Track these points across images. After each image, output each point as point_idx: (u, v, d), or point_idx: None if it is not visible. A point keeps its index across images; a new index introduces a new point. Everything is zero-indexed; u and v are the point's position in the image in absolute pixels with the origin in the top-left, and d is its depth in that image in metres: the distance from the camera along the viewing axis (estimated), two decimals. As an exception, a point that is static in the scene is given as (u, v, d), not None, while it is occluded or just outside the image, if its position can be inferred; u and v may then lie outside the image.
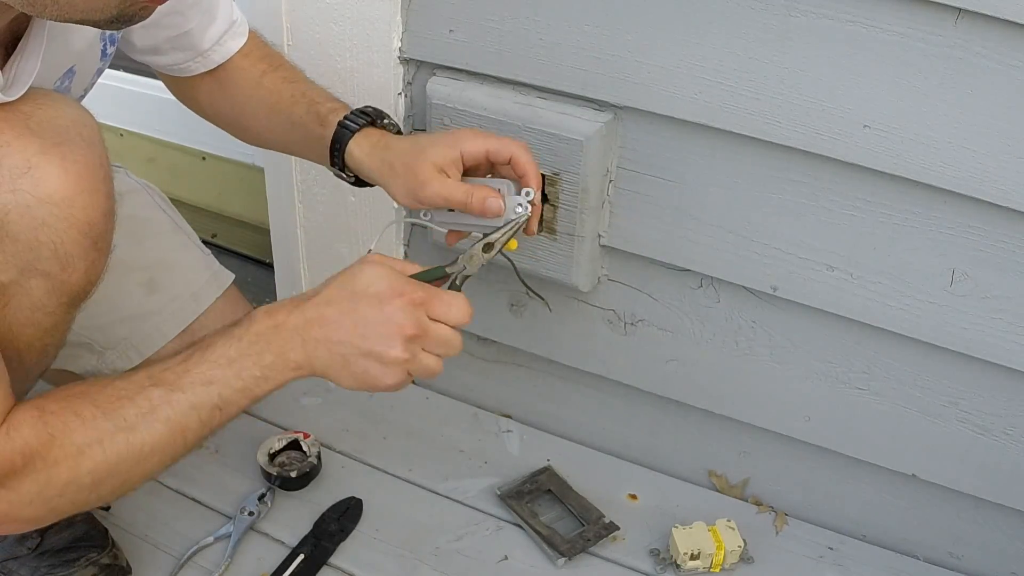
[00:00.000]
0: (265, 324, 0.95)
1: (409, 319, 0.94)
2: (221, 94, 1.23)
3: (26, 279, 0.92)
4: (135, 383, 0.92)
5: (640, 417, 1.42)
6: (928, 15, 1.00)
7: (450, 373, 1.55)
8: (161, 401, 0.91)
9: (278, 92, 1.19)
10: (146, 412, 0.91)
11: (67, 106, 0.97)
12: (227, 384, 0.94)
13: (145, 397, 0.91)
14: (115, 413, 0.90)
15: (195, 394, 0.92)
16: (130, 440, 0.91)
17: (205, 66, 1.20)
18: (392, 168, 1.09)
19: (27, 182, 0.89)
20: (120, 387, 0.92)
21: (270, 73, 1.21)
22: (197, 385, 0.93)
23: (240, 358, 0.94)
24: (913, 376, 1.20)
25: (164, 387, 0.92)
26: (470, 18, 1.25)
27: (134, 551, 1.24)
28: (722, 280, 1.26)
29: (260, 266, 1.89)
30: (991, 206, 1.06)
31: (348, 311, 0.94)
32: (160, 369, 0.93)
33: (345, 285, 0.95)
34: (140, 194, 1.35)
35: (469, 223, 1.08)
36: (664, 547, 1.29)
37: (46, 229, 0.91)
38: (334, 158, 1.12)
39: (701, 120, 1.16)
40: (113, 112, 2.00)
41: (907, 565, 1.29)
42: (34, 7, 0.82)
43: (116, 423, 0.90)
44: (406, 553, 1.28)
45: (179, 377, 0.92)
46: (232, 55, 1.21)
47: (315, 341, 0.94)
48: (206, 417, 0.93)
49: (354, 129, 1.11)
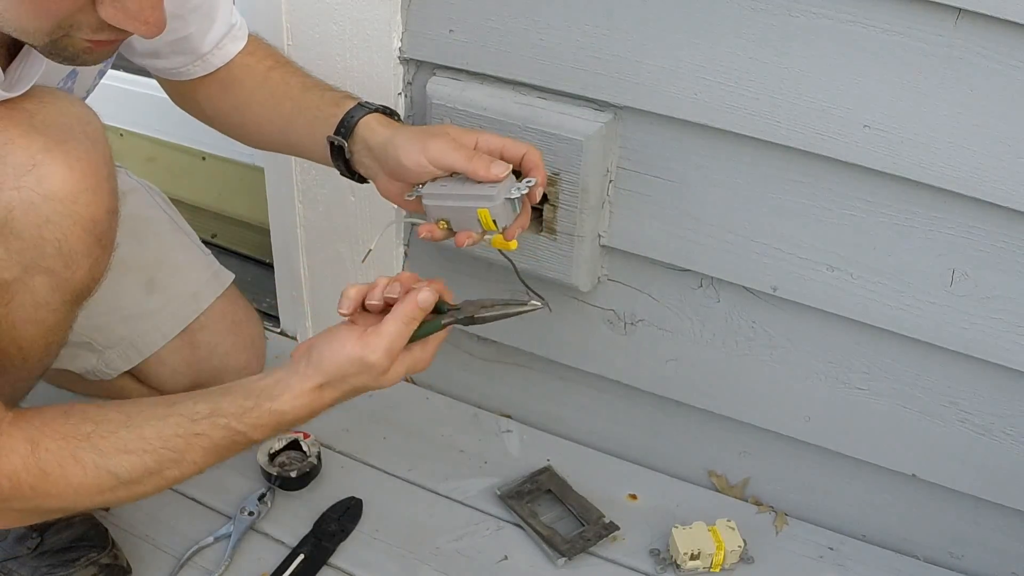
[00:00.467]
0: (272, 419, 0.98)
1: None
2: (223, 95, 1.23)
3: (30, 276, 0.92)
4: (145, 441, 0.94)
5: (640, 417, 1.42)
6: (928, 15, 1.00)
7: (450, 373, 1.55)
8: (169, 464, 0.95)
9: (286, 83, 1.18)
10: (153, 472, 0.94)
11: (71, 104, 0.97)
12: (234, 450, 0.98)
13: (154, 458, 0.94)
14: (120, 467, 0.93)
15: (204, 461, 0.97)
16: (131, 490, 0.95)
17: (205, 69, 1.20)
18: (405, 130, 1.08)
19: (31, 179, 0.89)
20: (126, 440, 0.93)
21: (277, 68, 1.20)
22: (210, 454, 0.96)
23: (250, 431, 0.97)
24: (913, 376, 1.20)
25: (173, 452, 0.95)
26: (470, 18, 1.25)
27: (134, 551, 1.24)
28: (722, 280, 1.26)
29: (260, 266, 1.89)
30: (991, 206, 1.06)
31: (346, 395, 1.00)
32: (172, 433, 0.95)
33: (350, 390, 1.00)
34: (140, 194, 1.36)
35: (462, 196, 1.02)
36: (664, 547, 1.29)
37: (50, 226, 0.91)
38: (340, 131, 1.10)
39: (701, 120, 1.16)
40: (113, 112, 1.99)
41: (907, 565, 1.29)
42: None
43: (120, 478, 0.93)
44: (406, 553, 1.28)
45: (189, 446, 0.95)
46: (232, 57, 1.20)
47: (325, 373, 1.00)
48: (205, 470, 0.99)
49: (371, 109, 1.10)
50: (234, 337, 1.37)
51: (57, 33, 0.82)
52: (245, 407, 0.97)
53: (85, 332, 1.26)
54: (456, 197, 1.02)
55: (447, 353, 1.55)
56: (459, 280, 1.24)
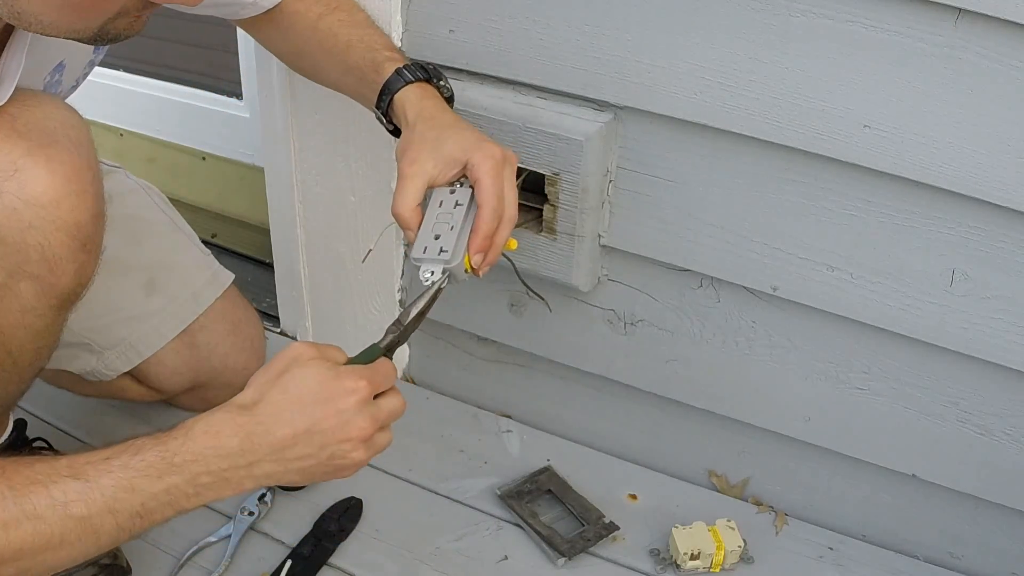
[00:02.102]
0: (204, 442, 0.87)
1: (366, 419, 0.90)
2: (279, 35, 1.22)
3: (15, 282, 0.92)
4: (54, 470, 0.85)
5: (640, 417, 1.42)
6: (928, 15, 1.00)
7: (450, 373, 1.55)
8: (77, 496, 0.84)
9: (334, 36, 1.16)
10: (59, 504, 0.83)
11: (55, 107, 0.97)
12: (152, 497, 0.86)
13: (60, 488, 0.84)
14: (26, 499, 0.83)
15: (115, 499, 0.85)
16: (37, 530, 0.83)
17: (256, 11, 1.19)
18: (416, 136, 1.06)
19: (13, 184, 0.89)
20: (39, 471, 0.84)
21: (327, 16, 1.17)
22: (119, 490, 0.85)
23: (170, 472, 0.86)
24: (913, 376, 1.20)
25: (82, 481, 0.84)
26: (470, 18, 1.25)
27: (134, 551, 1.24)
28: (722, 280, 1.26)
29: (260, 266, 1.89)
30: (991, 206, 1.06)
31: (302, 426, 0.88)
32: (83, 462, 0.86)
33: (288, 392, 0.89)
34: (139, 194, 1.35)
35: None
36: (664, 547, 1.29)
37: (33, 232, 0.90)
38: (380, 102, 1.09)
39: (701, 120, 1.16)
40: (113, 112, 2.00)
41: (907, 565, 1.29)
42: (19, 21, 0.83)
43: (25, 510, 0.82)
44: (406, 553, 1.28)
45: (100, 476, 0.85)
46: (279, 2, 1.18)
47: (265, 461, 0.89)
48: (124, 523, 0.86)
49: (409, 80, 1.09)
50: (234, 337, 1.37)
51: (105, 25, 0.84)
52: (164, 430, 0.88)
53: (84, 333, 1.26)
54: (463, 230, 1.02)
55: (447, 353, 1.55)
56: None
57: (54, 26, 0.83)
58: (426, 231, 1.02)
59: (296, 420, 0.88)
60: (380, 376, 0.93)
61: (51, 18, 0.82)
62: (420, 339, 1.57)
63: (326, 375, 0.90)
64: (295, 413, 0.88)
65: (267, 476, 0.90)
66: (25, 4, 0.81)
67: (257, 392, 0.90)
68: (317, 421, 0.88)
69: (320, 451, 0.89)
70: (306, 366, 0.90)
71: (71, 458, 0.87)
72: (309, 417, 0.88)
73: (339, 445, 0.90)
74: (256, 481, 0.89)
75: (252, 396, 0.90)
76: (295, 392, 0.89)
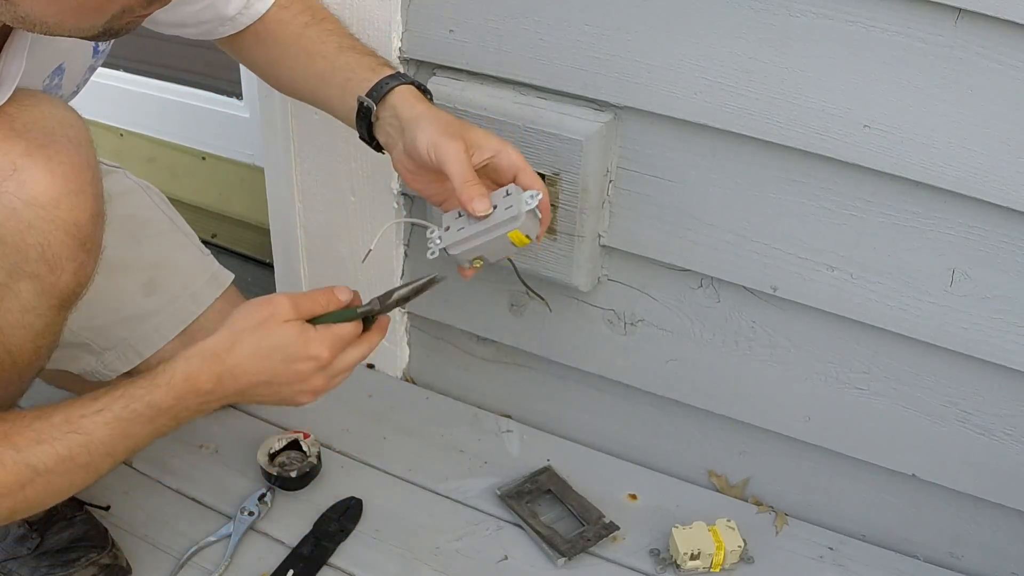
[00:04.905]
0: (184, 388, 0.99)
1: (320, 378, 1.03)
2: (257, 48, 1.22)
3: (15, 282, 0.92)
4: (54, 427, 0.94)
5: (640, 417, 1.42)
6: (928, 15, 1.00)
7: (450, 373, 1.55)
8: (80, 449, 0.95)
9: (323, 41, 1.17)
10: (65, 458, 0.94)
11: (53, 107, 0.97)
12: (144, 437, 0.99)
13: (64, 444, 0.94)
14: (35, 458, 0.93)
15: (112, 445, 0.97)
16: (48, 483, 0.94)
17: (234, 29, 1.19)
18: (434, 115, 1.07)
19: (12, 184, 0.89)
20: (39, 430, 0.94)
21: (314, 25, 1.18)
22: (116, 438, 0.97)
23: (158, 416, 0.99)
24: (913, 376, 1.20)
25: (82, 435, 0.95)
26: (470, 18, 1.25)
27: (134, 551, 1.24)
28: (722, 280, 1.26)
29: (260, 266, 1.89)
30: (991, 206, 1.06)
31: (267, 374, 1.01)
32: (78, 415, 0.96)
33: (261, 346, 1.00)
34: (139, 194, 1.35)
35: (488, 231, 1.04)
36: (664, 547, 1.29)
37: (33, 231, 0.91)
38: (372, 94, 1.09)
39: (701, 120, 1.16)
40: (113, 112, 2.00)
41: (907, 565, 1.29)
42: (24, 25, 0.83)
43: (36, 467, 0.93)
44: (406, 553, 1.28)
45: (97, 428, 0.96)
46: (262, 14, 1.19)
47: (231, 396, 1.02)
48: (120, 458, 0.99)
49: (407, 80, 1.10)
50: (234, 338, 1.37)
51: (110, 23, 0.84)
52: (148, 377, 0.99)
53: (84, 333, 1.26)
54: (481, 235, 1.04)
55: (447, 353, 1.55)
56: (459, 279, 1.23)
57: (58, 27, 0.83)
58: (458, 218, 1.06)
59: (260, 372, 1.01)
60: (343, 341, 1.03)
61: (55, 19, 0.82)
62: (420, 339, 1.57)
63: (296, 340, 1.01)
64: (260, 365, 1.01)
65: (232, 402, 1.05)
66: (28, 7, 0.81)
67: (231, 339, 1.01)
68: (277, 375, 1.01)
69: (275, 396, 1.04)
70: (280, 327, 1.00)
71: (65, 411, 0.96)
72: (271, 372, 1.01)
73: (291, 394, 1.04)
74: (222, 404, 1.04)
75: (226, 343, 1.00)
76: (265, 348, 1.00)
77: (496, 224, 1.03)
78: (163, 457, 1.38)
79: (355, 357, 1.05)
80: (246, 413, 1.48)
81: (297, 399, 1.05)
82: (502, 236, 1.04)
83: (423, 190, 1.11)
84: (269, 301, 1.02)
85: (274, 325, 1.00)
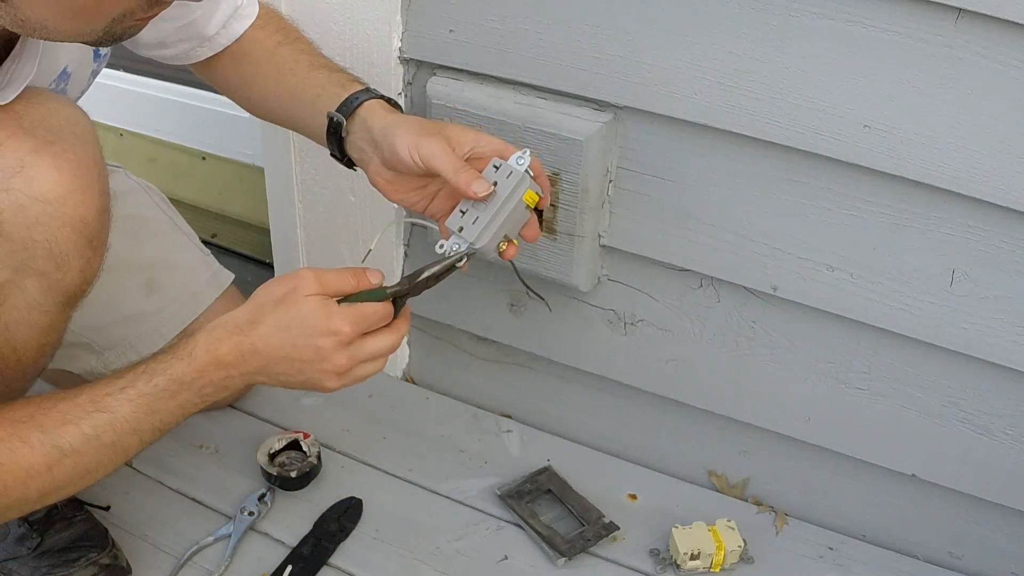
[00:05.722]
0: (206, 360, 0.98)
1: (343, 356, 0.99)
2: (231, 68, 1.22)
3: (21, 278, 0.92)
4: (79, 407, 0.95)
5: (640, 417, 1.42)
6: (928, 15, 1.00)
7: (450, 373, 1.55)
8: (106, 428, 0.95)
9: (295, 59, 1.18)
10: (91, 438, 0.94)
11: (60, 105, 0.97)
12: (169, 412, 0.98)
13: (90, 424, 0.94)
14: (62, 438, 0.93)
15: (138, 422, 0.96)
16: (76, 463, 0.94)
17: (212, 50, 1.20)
18: (407, 120, 1.07)
19: (20, 181, 0.89)
20: (65, 411, 0.94)
21: (287, 44, 1.19)
22: (140, 414, 0.96)
23: (181, 391, 0.98)
24: (913, 376, 1.20)
25: (107, 413, 0.95)
26: (470, 18, 1.25)
27: (134, 551, 1.24)
28: (722, 280, 1.26)
29: (260, 266, 1.89)
30: (991, 206, 1.06)
31: (287, 349, 0.98)
32: (103, 393, 0.96)
33: (282, 319, 0.98)
34: (139, 194, 1.36)
35: (502, 208, 1.03)
36: (664, 547, 1.29)
37: (40, 228, 0.91)
38: (341, 109, 1.09)
39: (701, 120, 1.16)
40: (113, 112, 2.00)
41: (907, 565, 1.29)
42: (24, 28, 0.83)
43: (63, 448, 0.93)
44: (406, 553, 1.28)
45: (121, 405, 0.96)
46: (239, 36, 1.19)
47: (255, 373, 1.00)
48: (147, 437, 0.99)
49: (376, 95, 1.10)
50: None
51: (111, 26, 0.84)
52: (170, 351, 0.98)
53: (84, 333, 1.26)
54: (499, 212, 1.04)
55: (447, 353, 1.55)
56: (459, 279, 1.23)
57: (59, 31, 0.83)
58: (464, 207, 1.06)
59: (281, 346, 0.98)
60: (368, 320, 1.00)
61: (55, 24, 0.82)
62: (420, 339, 1.57)
63: (318, 314, 0.98)
64: (280, 339, 0.98)
65: (256, 380, 1.02)
66: (29, 11, 0.81)
67: (255, 312, 0.99)
68: (298, 350, 0.98)
69: (298, 374, 1.00)
70: (302, 300, 0.98)
71: (90, 391, 0.96)
72: (291, 347, 0.98)
73: (315, 373, 1.00)
74: (246, 381, 1.01)
75: (249, 316, 0.99)
76: (286, 321, 0.98)
77: (507, 194, 1.03)
78: (163, 457, 1.38)
79: (383, 345, 1.02)
80: (246, 413, 1.48)
81: (323, 381, 1.01)
82: (518, 203, 1.03)
83: (405, 199, 1.10)
84: (294, 275, 1.00)
85: (297, 299, 0.98)
